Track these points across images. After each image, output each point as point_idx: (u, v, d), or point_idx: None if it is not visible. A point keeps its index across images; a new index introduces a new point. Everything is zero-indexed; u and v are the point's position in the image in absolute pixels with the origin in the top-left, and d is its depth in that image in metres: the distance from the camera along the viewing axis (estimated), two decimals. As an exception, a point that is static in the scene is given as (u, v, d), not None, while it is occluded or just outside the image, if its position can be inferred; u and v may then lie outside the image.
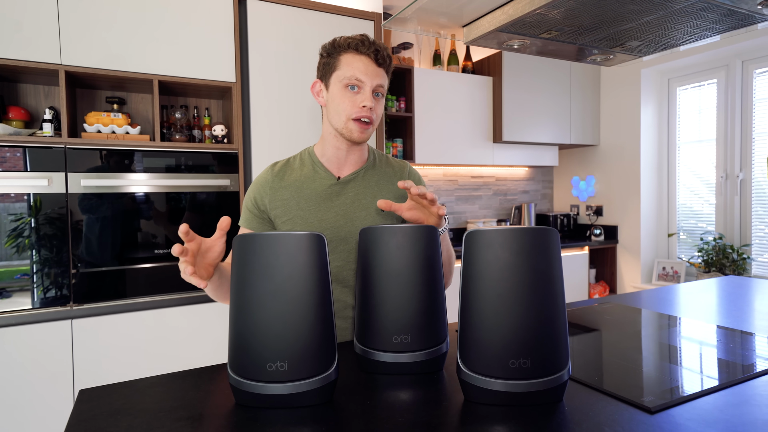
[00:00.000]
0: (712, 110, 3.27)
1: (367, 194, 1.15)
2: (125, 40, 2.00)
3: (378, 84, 1.06)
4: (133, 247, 2.02)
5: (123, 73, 2.00)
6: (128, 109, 2.29)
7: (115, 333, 1.97)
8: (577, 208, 4.03)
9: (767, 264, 3.02)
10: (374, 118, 1.09)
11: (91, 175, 1.94)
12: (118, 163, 1.99)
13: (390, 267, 0.84)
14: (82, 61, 1.93)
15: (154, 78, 2.05)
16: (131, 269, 2.02)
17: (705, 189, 3.36)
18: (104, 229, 1.96)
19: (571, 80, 3.67)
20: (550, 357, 0.69)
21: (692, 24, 1.15)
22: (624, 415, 0.67)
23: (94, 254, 1.95)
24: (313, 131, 2.37)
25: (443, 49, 3.53)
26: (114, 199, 1.98)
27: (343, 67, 1.06)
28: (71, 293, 1.92)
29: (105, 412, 0.72)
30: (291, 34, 2.31)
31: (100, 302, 1.96)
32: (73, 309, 1.92)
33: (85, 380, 1.92)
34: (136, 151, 2.02)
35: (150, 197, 2.05)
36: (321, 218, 1.11)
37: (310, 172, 1.15)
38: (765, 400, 0.71)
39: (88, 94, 2.22)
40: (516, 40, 1.24)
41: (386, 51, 1.08)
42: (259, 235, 0.72)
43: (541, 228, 0.70)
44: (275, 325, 0.71)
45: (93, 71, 1.95)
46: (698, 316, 1.23)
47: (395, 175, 1.20)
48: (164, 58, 2.07)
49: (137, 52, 2.02)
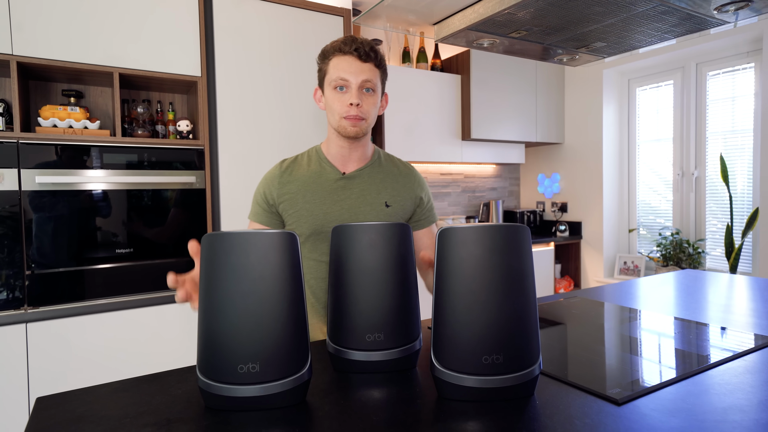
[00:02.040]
0: (670, 110, 3.41)
1: (372, 190, 1.18)
2: (83, 30, 1.90)
3: (364, 79, 1.09)
4: (93, 246, 1.94)
5: (81, 65, 1.91)
6: (86, 102, 2.20)
7: (73, 337, 1.89)
8: (543, 205, 4.13)
9: (720, 257, 3.17)
10: (365, 113, 1.11)
11: (46, 172, 1.84)
12: (76, 159, 1.90)
13: (362, 265, 0.83)
14: (36, 51, 1.83)
15: (114, 71, 1.97)
16: (90, 270, 1.94)
17: (663, 186, 3.51)
18: (61, 228, 1.88)
19: (536, 79, 3.75)
20: (522, 352, 0.70)
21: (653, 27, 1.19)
22: (593, 408, 0.68)
23: (50, 254, 1.86)
24: (282, 127, 2.33)
25: (412, 46, 3.54)
26: (71, 196, 1.89)
27: (330, 71, 1.11)
28: (25, 296, 1.82)
29: (65, 420, 0.68)
30: (259, 28, 2.26)
31: (56, 305, 1.87)
32: (28, 312, 1.83)
33: (42, 387, 1.84)
34: (96, 146, 1.94)
35: (110, 195, 1.97)
36: (326, 211, 1.15)
37: (317, 167, 1.19)
38: (722, 389, 0.74)
39: (42, 86, 2.11)
40: (485, 38, 1.25)
41: (370, 45, 1.10)
42: (228, 234, 0.70)
43: (514, 225, 0.71)
44: (246, 326, 0.69)
45: (47, 62, 1.85)
46: (657, 308, 1.28)
47: (400, 175, 1.24)
48: (125, 50, 1.99)
49: (96, 43, 1.93)
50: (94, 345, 1.93)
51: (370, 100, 1.11)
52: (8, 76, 1.98)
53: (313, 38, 2.41)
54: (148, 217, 2.05)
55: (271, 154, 2.29)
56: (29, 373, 1.82)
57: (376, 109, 1.14)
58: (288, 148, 2.34)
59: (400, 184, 1.22)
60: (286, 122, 2.35)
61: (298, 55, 2.37)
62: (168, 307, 2.07)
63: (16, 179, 1.79)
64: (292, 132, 2.36)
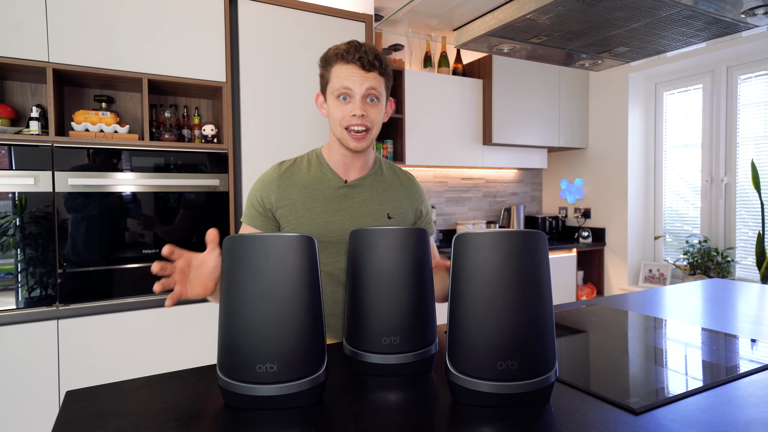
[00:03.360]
0: (698, 115, 3.32)
1: (374, 200, 1.17)
2: (114, 38, 1.98)
3: (368, 88, 1.06)
4: (121, 246, 2.00)
5: (112, 72, 1.98)
6: (117, 107, 2.27)
7: (102, 334, 1.95)
8: (566, 211, 4.07)
9: (751, 267, 3.07)
10: (369, 124, 1.09)
11: (78, 174, 1.91)
12: (107, 162, 1.97)
13: (380, 269, 0.84)
14: (70, 59, 1.91)
15: (144, 77, 2.04)
16: (119, 269, 2.00)
17: (691, 192, 3.41)
18: (91, 229, 1.94)
19: (560, 84, 3.71)
20: (537, 359, 0.70)
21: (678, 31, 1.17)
22: (609, 417, 0.68)
23: (81, 254, 1.93)
24: (303, 131, 2.37)
25: (434, 51, 3.54)
26: (101, 198, 1.96)
27: (333, 79, 1.08)
28: (57, 293, 1.89)
29: (92, 414, 0.71)
30: (282, 34, 2.31)
31: (86, 302, 1.94)
32: (59, 309, 1.90)
33: (71, 382, 1.90)
34: (125, 150, 2.00)
35: (138, 197, 2.03)
36: (328, 220, 1.12)
37: (318, 173, 1.16)
38: (746, 401, 0.72)
39: (75, 92, 2.20)
40: (506, 44, 1.25)
41: (374, 53, 1.06)
42: (249, 237, 0.72)
43: (530, 231, 0.71)
44: (265, 327, 0.71)
45: (81, 69, 1.93)
46: (683, 318, 1.25)
47: (402, 187, 1.22)
48: (154, 57, 2.05)
49: (126, 50, 2.00)
50: (121, 342, 1.98)
51: (374, 110, 1.09)
52: (44, 83, 2.07)
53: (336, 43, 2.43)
54: (174, 218, 2.10)
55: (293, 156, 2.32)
56: (60, 368, 1.88)
57: (381, 118, 1.12)
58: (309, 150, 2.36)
59: (402, 195, 1.20)
60: (308, 127, 2.38)
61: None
62: (190, 306, 2.12)
63: (50, 181, 1.86)
64: (313, 136, 2.40)
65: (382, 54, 1.09)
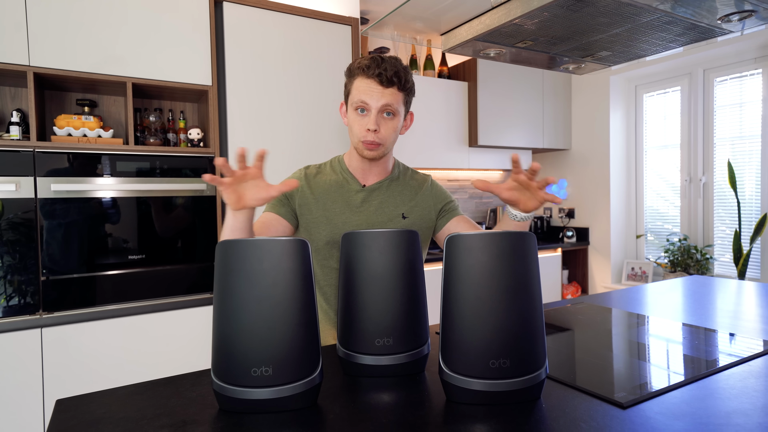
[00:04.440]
0: (677, 116, 3.41)
1: (390, 203, 1.21)
2: (98, 42, 1.95)
3: (384, 104, 1.09)
4: (105, 253, 1.98)
5: (95, 76, 1.95)
6: (100, 111, 2.24)
7: (87, 341, 1.92)
8: (550, 211, 4.13)
9: (728, 263, 3.16)
10: (382, 139, 1.12)
11: (61, 180, 1.88)
12: (90, 167, 1.94)
13: (372, 271, 0.85)
14: (52, 62, 1.88)
15: (128, 80, 2.01)
16: (103, 276, 1.97)
17: (670, 192, 3.50)
18: (75, 235, 1.91)
19: (543, 86, 3.77)
20: (528, 357, 0.72)
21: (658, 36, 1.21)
22: (598, 411, 0.70)
23: (64, 261, 1.90)
24: (291, 135, 2.37)
25: (419, 53, 3.57)
26: (85, 203, 1.93)
27: (353, 92, 1.12)
28: (40, 301, 1.86)
29: (85, 422, 0.71)
30: (268, 37, 2.30)
31: (70, 310, 1.91)
32: (43, 317, 1.86)
33: (57, 391, 1.87)
34: (109, 154, 1.98)
35: (122, 202, 2.01)
36: (345, 221, 1.17)
37: (339, 177, 1.22)
38: (727, 393, 0.75)
39: (57, 96, 2.16)
40: (492, 48, 1.27)
41: (394, 70, 1.09)
42: (242, 241, 0.73)
43: (520, 233, 0.73)
44: (259, 331, 0.71)
45: (63, 73, 1.90)
46: (665, 314, 1.29)
47: (418, 188, 1.26)
48: (138, 61, 2.03)
49: (110, 53, 1.98)
50: (107, 349, 1.96)
51: (389, 125, 1.12)
52: (25, 87, 2.04)
53: (322, 47, 2.44)
54: (159, 223, 2.08)
55: (281, 161, 2.32)
56: (44, 377, 1.85)
57: (395, 133, 1.15)
58: (298, 156, 2.37)
59: (419, 197, 1.24)
60: (296, 130, 2.38)
61: (307, 63, 2.40)
62: (178, 312, 2.10)
63: (32, 187, 1.83)
64: (302, 140, 2.40)
65: (404, 69, 1.11)
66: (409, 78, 1.12)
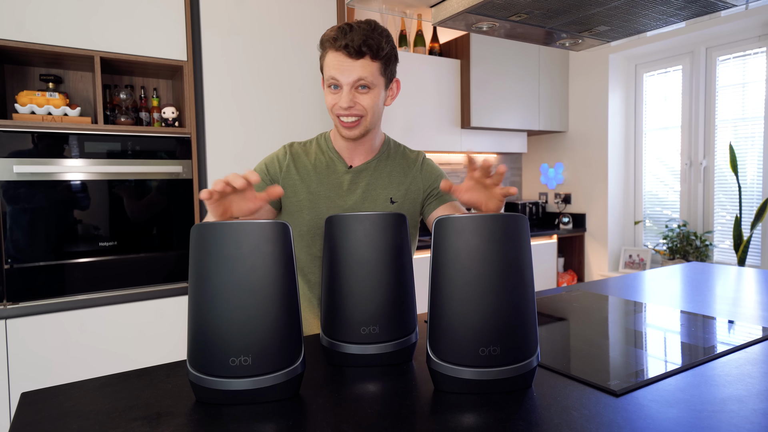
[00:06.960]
0: (678, 97, 3.43)
1: (378, 185, 1.19)
2: (62, 12, 1.90)
3: (356, 78, 1.04)
4: (74, 240, 1.95)
5: (59, 49, 1.90)
6: (66, 88, 2.19)
7: (55, 333, 1.90)
8: (546, 196, 4.16)
9: (728, 250, 3.21)
10: (360, 113, 1.08)
11: (24, 161, 1.84)
12: (56, 147, 1.90)
13: (357, 256, 0.85)
14: (11, 34, 1.82)
15: (96, 54, 1.97)
16: (72, 264, 1.95)
17: (670, 176, 3.54)
18: (40, 221, 1.88)
19: (539, 65, 3.76)
20: (519, 344, 0.72)
21: (658, 10, 1.21)
22: (590, 399, 0.71)
23: (30, 248, 1.87)
24: (274, 113, 2.34)
25: (409, 29, 3.53)
26: (51, 187, 1.89)
27: (324, 67, 1.09)
28: (5, 291, 1.83)
29: (53, 415, 0.70)
30: (248, 9, 2.26)
31: (37, 300, 1.88)
32: (7, 308, 1.84)
33: (23, 384, 1.85)
34: (77, 134, 1.94)
35: (92, 185, 1.97)
36: (330, 205, 1.16)
37: (324, 157, 1.20)
38: (722, 380, 0.77)
39: (18, 71, 2.11)
40: (485, 22, 1.26)
41: (363, 38, 1.02)
42: (219, 224, 0.72)
43: (511, 215, 0.73)
44: (238, 318, 0.71)
45: (24, 45, 1.85)
46: (663, 301, 1.31)
47: (409, 168, 1.22)
48: (107, 33, 1.98)
49: (76, 25, 1.92)
50: (77, 341, 1.94)
51: (366, 98, 1.07)
52: (-17, 60, 1.98)
53: (305, 19, 2.41)
54: (132, 208, 2.05)
55: (262, 141, 2.30)
56: (9, 370, 1.83)
57: (376, 106, 1.09)
58: (279, 135, 2.34)
59: (409, 178, 1.21)
60: (277, 108, 2.35)
61: (290, 37, 2.37)
62: (153, 302, 2.08)
63: (-7, 169, 1.79)
64: (283, 118, 2.37)
65: (377, 35, 1.05)
66: (382, 45, 1.05)
